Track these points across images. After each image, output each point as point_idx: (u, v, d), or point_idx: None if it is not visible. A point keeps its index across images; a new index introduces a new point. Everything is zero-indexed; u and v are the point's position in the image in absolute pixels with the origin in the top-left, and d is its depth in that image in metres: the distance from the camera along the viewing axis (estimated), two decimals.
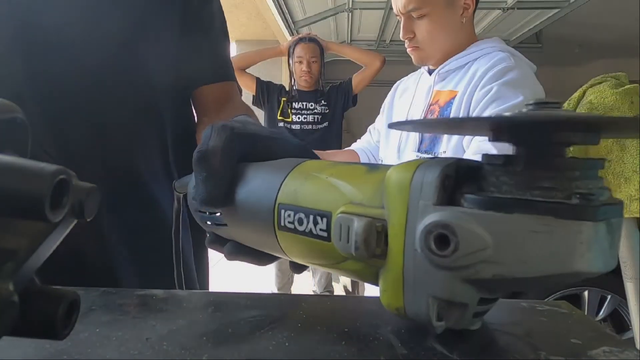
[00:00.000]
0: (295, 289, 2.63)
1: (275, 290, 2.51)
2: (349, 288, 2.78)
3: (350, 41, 3.60)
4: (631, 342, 1.42)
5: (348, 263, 0.25)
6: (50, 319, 0.18)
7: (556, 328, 0.27)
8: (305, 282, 2.81)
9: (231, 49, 0.69)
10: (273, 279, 2.53)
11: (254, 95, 2.34)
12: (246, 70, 2.34)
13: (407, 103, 1.22)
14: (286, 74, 2.59)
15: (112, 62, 0.53)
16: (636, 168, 1.30)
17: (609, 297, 1.76)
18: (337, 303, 0.32)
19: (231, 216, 0.32)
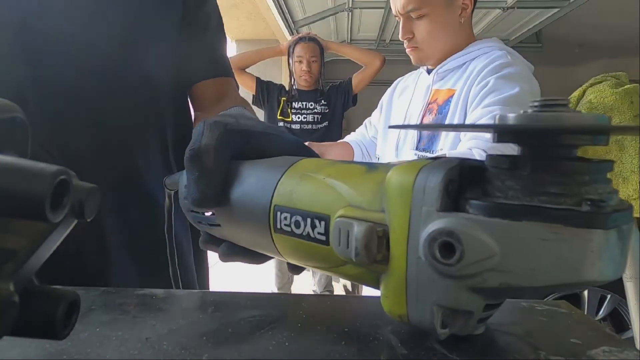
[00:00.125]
0: (295, 289, 2.63)
1: (275, 290, 2.51)
2: (349, 288, 2.78)
3: (350, 41, 3.61)
4: (631, 342, 1.42)
5: (347, 267, 0.25)
6: (50, 319, 0.18)
7: (556, 328, 0.27)
8: (305, 282, 2.81)
9: (228, 46, 0.69)
10: (273, 279, 2.53)
11: (254, 94, 2.34)
12: (246, 69, 2.34)
13: (406, 102, 1.22)
14: (286, 74, 2.59)
15: (113, 63, 0.53)
16: (635, 168, 1.31)
17: (609, 297, 1.76)
18: (337, 303, 0.32)
19: (225, 217, 0.31)
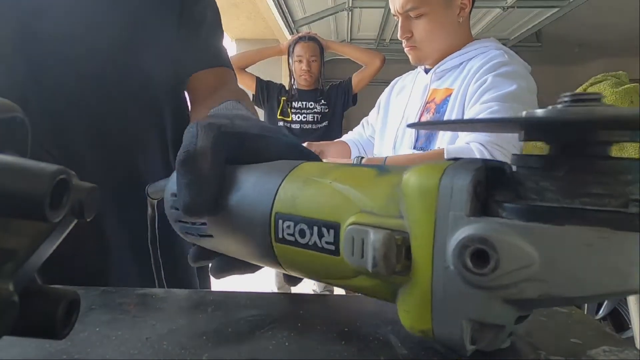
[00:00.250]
0: (295, 289, 2.62)
1: (275, 290, 2.51)
2: None
3: (350, 40, 3.60)
4: (631, 341, 1.42)
5: (360, 279, 0.23)
6: (50, 319, 0.18)
7: (556, 328, 0.27)
8: (305, 282, 2.79)
9: (225, 40, 0.69)
10: (273, 279, 2.54)
11: (254, 94, 2.34)
12: (246, 69, 2.34)
13: (404, 101, 1.23)
14: (286, 73, 2.59)
15: (113, 64, 0.53)
16: None
17: None
18: (337, 303, 0.32)
19: (218, 226, 0.29)
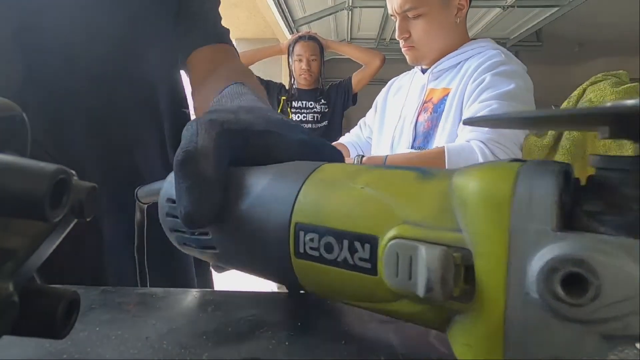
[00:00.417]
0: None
1: (275, 289, 2.52)
2: None
3: (350, 39, 3.60)
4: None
5: (402, 304, 0.19)
6: (50, 318, 0.18)
7: None
8: None
9: (222, 17, 0.67)
10: None
11: None
12: None
13: (401, 101, 1.23)
14: (286, 73, 2.59)
15: (112, 62, 0.53)
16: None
17: None
18: (337, 302, 0.32)
19: (223, 238, 0.26)
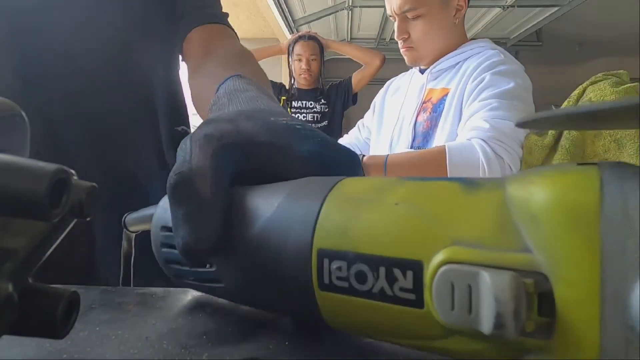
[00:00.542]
0: None
1: None
2: None
3: (350, 39, 3.60)
4: None
5: (456, 341, 0.16)
6: (50, 318, 0.18)
7: None
8: None
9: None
10: None
11: None
12: None
13: (399, 101, 1.24)
14: (286, 73, 2.59)
15: (110, 65, 0.53)
16: None
17: None
18: None
19: (230, 270, 0.23)
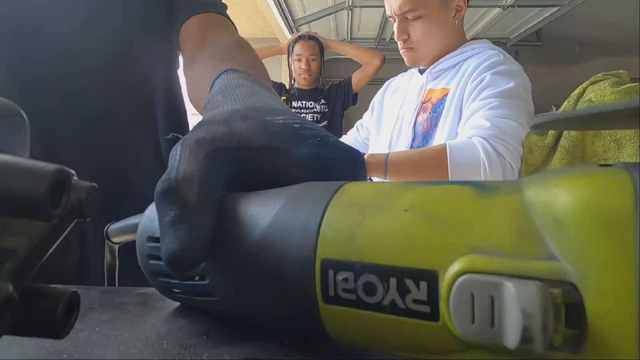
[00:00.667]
0: None
1: None
2: None
3: (350, 39, 3.60)
4: None
5: (476, 354, 0.15)
6: (50, 318, 0.18)
7: None
8: None
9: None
10: None
11: None
12: None
13: (399, 101, 1.24)
14: (286, 73, 2.59)
15: (110, 65, 0.53)
16: None
17: None
18: None
19: (224, 282, 0.21)
